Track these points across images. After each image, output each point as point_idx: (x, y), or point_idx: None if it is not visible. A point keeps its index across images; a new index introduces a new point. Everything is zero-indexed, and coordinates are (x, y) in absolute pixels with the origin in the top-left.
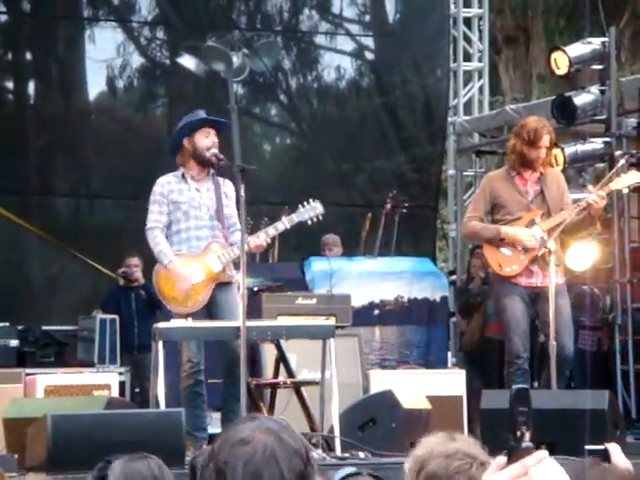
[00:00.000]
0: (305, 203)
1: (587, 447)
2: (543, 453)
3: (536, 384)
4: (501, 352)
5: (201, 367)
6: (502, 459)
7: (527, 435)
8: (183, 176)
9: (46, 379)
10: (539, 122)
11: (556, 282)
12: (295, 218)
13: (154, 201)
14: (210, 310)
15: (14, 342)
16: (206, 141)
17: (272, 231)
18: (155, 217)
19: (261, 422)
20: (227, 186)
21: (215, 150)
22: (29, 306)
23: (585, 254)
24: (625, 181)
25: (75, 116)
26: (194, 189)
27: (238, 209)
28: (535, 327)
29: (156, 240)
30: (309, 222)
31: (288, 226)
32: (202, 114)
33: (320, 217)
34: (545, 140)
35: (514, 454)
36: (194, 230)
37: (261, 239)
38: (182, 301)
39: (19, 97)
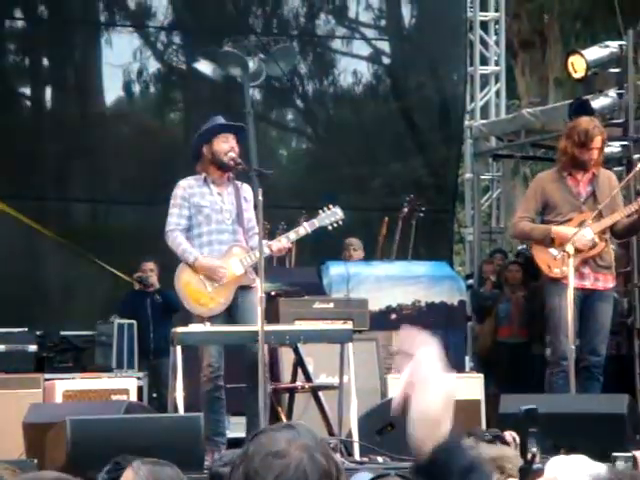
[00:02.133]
0: (325, 208)
1: (615, 454)
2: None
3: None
4: (512, 356)
5: (221, 372)
6: None
7: (538, 457)
8: (205, 180)
9: (65, 384)
10: (590, 123)
11: (605, 286)
12: (316, 223)
13: (174, 204)
14: (231, 312)
15: (32, 347)
16: (224, 146)
17: (293, 235)
18: (175, 220)
19: (297, 435)
20: (246, 190)
21: (233, 154)
22: (47, 311)
23: None
24: None
25: (92, 121)
26: (216, 193)
27: (255, 214)
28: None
29: (177, 241)
30: (329, 227)
31: (309, 230)
32: (220, 120)
33: (340, 222)
34: (597, 141)
35: (526, 476)
36: (216, 234)
37: (282, 242)
38: (204, 303)
39: (36, 103)
